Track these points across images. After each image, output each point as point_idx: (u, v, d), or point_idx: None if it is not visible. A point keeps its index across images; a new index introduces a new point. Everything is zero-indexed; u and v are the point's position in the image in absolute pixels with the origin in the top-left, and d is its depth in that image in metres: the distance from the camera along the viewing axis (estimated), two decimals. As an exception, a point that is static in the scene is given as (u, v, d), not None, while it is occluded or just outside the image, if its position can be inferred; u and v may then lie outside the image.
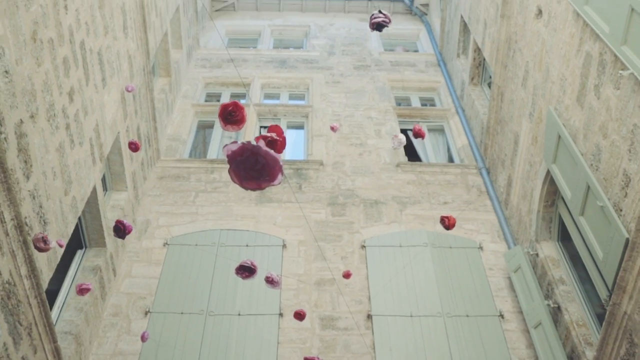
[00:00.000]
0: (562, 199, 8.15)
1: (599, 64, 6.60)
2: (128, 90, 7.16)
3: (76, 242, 8.18)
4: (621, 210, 6.03)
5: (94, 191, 7.89)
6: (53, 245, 4.80)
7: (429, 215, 10.29)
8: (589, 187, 6.68)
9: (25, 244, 5.74)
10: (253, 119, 12.82)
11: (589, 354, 6.98)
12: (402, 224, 10.17)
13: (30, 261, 5.84)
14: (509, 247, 9.48)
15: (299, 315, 6.24)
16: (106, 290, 8.39)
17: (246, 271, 4.62)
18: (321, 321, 8.47)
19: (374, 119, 12.97)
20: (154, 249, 9.48)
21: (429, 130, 13.15)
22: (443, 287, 8.88)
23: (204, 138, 13.68)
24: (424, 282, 8.99)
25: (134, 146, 6.25)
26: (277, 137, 2.69)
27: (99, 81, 7.91)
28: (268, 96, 14.33)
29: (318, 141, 12.21)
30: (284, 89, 14.48)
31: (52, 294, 7.50)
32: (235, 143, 2.11)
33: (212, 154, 12.18)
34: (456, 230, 9.92)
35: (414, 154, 12.58)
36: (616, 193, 6.14)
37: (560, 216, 8.31)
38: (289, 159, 12.01)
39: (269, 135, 2.72)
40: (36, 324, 5.97)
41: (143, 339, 6.50)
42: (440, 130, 13.23)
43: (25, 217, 5.77)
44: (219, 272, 9.05)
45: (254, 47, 16.47)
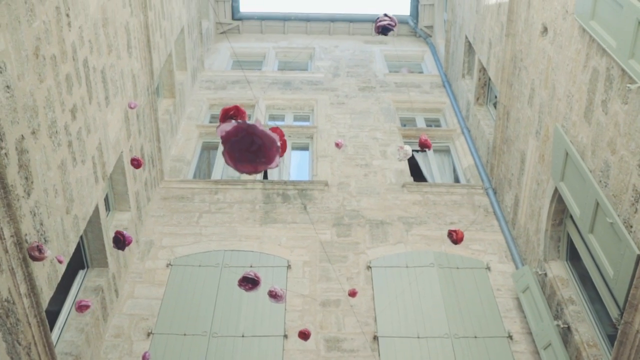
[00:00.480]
0: (571, 217, 8.03)
1: (606, 79, 6.53)
2: (131, 106, 7.11)
3: (78, 262, 8.09)
4: (631, 226, 5.91)
5: (96, 210, 7.81)
6: (48, 254, 4.71)
7: (435, 235, 10.18)
8: (598, 204, 6.57)
9: (25, 262, 5.65)
10: (258, 140, 12.75)
11: (601, 375, 6.82)
12: (408, 245, 10.05)
13: (30, 279, 5.75)
14: (516, 267, 9.34)
15: (304, 335, 6.11)
16: (108, 311, 8.28)
17: (249, 283, 4.50)
18: (326, 343, 8.32)
19: (379, 140, 12.90)
20: (157, 270, 9.37)
21: (435, 151, 13.07)
22: (450, 308, 8.73)
23: (208, 159, 13.63)
24: (430, 302, 8.84)
25: (136, 162, 6.18)
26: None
27: (102, 99, 7.87)
28: (273, 117, 14.30)
29: (323, 162, 12.14)
30: (288, 110, 14.45)
31: (53, 314, 7.39)
32: (230, 122, 2.00)
33: (216, 174, 12.11)
34: (463, 251, 9.81)
35: (419, 174, 12.49)
36: (626, 209, 6.03)
37: (568, 235, 8.18)
38: (293, 179, 11.94)
39: None
40: (35, 343, 5.85)
41: (144, 360, 6.37)
42: (446, 151, 13.15)
43: (26, 234, 5.68)
44: (222, 293, 8.93)
45: (259, 69, 16.49)
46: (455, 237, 5.00)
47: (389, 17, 3.76)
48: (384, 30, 3.74)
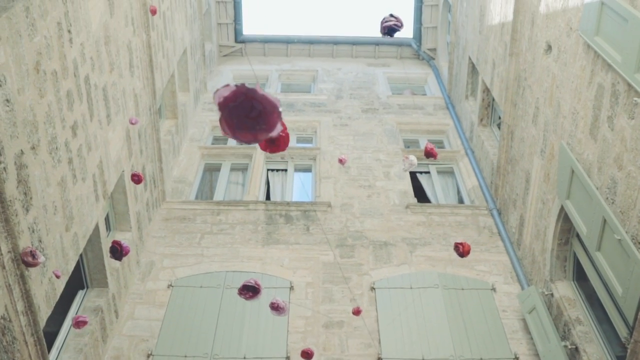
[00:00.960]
0: (577, 236, 7.92)
1: (611, 95, 6.46)
2: (132, 122, 7.06)
3: (77, 282, 7.98)
4: (640, 243, 5.81)
5: (97, 229, 7.72)
6: (42, 260, 4.60)
7: (439, 256, 10.06)
8: (605, 221, 6.46)
9: (23, 278, 5.56)
10: (260, 162, 12.71)
11: (610, 397, 6.66)
12: (412, 266, 9.92)
13: (27, 297, 5.65)
14: (522, 288, 9.20)
15: (307, 354, 5.97)
16: (107, 332, 8.14)
17: (250, 291, 4.38)
18: (329, 364, 8.17)
19: (382, 161, 12.83)
20: (157, 291, 9.25)
21: (438, 172, 13.00)
22: (455, 330, 8.58)
23: (210, 181, 13.56)
24: (435, 324, 8.69)
25: (136, 178, 6.10)
26: (280, 133, 2.52)
27: (104, 117, 7.82)
28: (275, 139, 14.22)
29: (326, 183, 12.06)
30: (291, 132, 14.37)
31: (52, 335, 7.26)
32: (228, 86, 1.87)
33: (218, 196, 12.03)
34: (468, 272, 9.69)
35: (423, 196, 12.39)
36: (634, 225, 5.92)
37: (575, 254, 8.06)
38: (296, 200, 11.85)
39: None
40: (32, 363, 5.73)
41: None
42: (450, 173, 13.07)
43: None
44: (224, 314, 8.80)
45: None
46: (462, 250, 4.89)
47: (395, 17, 3.63)
48: (390, 31, 3.62)
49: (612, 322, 7.01)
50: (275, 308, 4.86)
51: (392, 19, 3.58)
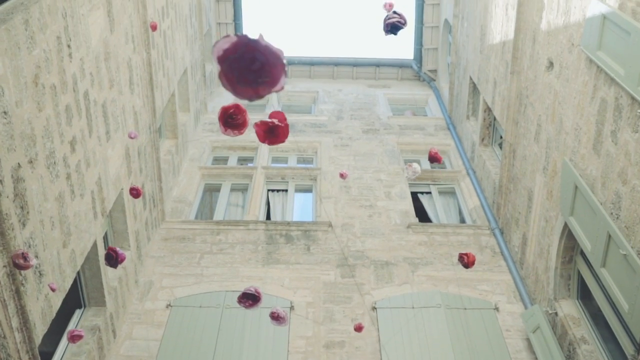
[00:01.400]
0: (581, 254, 7.83)
1: (615, 109, 6.41)
2: (131, 136, 7.00)
3: (75, 301, 7.86)
4: (646, 258, 5.71)
5: (95, 246, 7.62)
6: (34, 262, 4.49)
7: (441, 276, 9.95)
8: (610, 237, 6.37)
9: (18, 294, 5.46)
10: (260, 182, 12.64)
11: (618, 417, 6.52)
12: (414, 285, 9.80)
13: (22, 312, 5.54)
14: (525, 308, 9.08)
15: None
16: (105, 352, 8.01)
17: (249, 299, 4.27)
18: (330, 385, 8.02)
19: (383, 181, 12.76)
20: (156, 311, 9.12)
21: (440, 192, 12.92)
22: (458, 350, 8.44)
23: (210, 201, 13.48)
24: (438, 344, 8.55)
25: (135, 192, 6.03)
26: (279, 122, 2.47)
27: (103, 134, 7.76)
28: (276, 160, 14.18)
29: (327, 203, 11.98)
30: (292, 152, 14.35)
31: (48, 355, 7.13)
32: (228, 37, 1.72)
33: (218, 216, 11.94)
34: (470, 291, 9.57)
35: (424, 216, 12.30)
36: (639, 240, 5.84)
37: (579, 272, 7.96)
38: (297, 220, 11.76)
39: (270, 121, 2.50)
40: (26, 380, 5.61)
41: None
42: (451, 193, 12.98)
43: (19, 266, 5.50)
44: (223, 334, 8.67)
45: (262, 112, 16.45)
46: (467, 261, 4.80)
47: (398, 14, 3.53)
48: (393, 28, 3.52)
49: (617, 341, 6.89)
50: (276, 318, 4.76)
51: (395, 15, 3.49)
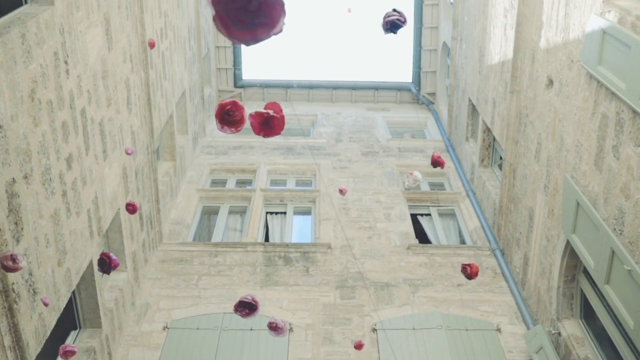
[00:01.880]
0: (583, 272, 7.72)
1: (616, 124, 6.35)
2: (128, 152, 6.93)
3: (70, 323, 7.73)
4: (651, 273, 5.61)
5: (90, 266, 7.51)
6: (23, 265, 4.38)
7: (442, 297, 9.82)
8: (613, 253, 6.28)
9: (11, 312, 5.35)
10: (259, 204, 12.55)
11: None
12: (414, 307, 9.67)
13: (15, 331, 5.43)
14: (528, 329, 8.94)
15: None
16: (100, 374, 7.86)
17: (246, 308, 4.15)
18: (330, 408, 7.86)
19: (382, 203, 12.68)
20: (153, 333, 8.98)
21: (440, 214, 12.83)
22: (460, 371, 8.29)
23: (208, 224, 13.39)
24: (439, 366, 8.41)
25: (131, 208, 5.94)
26: (275, 114, 2.40)
27: (100, 152, 7.70)
28: (274, 182, 14.11)
29: (326, 225, 11.88)
30: (290, 175, 14.28)
31: (42, 377, 6.98)
32: None
33: (216, 238, 11.82)
34: (472, 312, 9.44)
35: (424, 239, 12.19)
36: (644, 255, 5.74)
37: (582, 291, 7.84)
38: (296, 241, 11.66)
39: (265, 112, 2.42)
40: (18, 401, 5.47)
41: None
42: (451, 215, 12.90)
43: (13, 283, 5.40)
44: (221, 356, 8.52)
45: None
46: (470, 272, 4.70)
47: (398, 12, 3.45)
48: (392, 27, 3.44)
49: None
50: (274, 328, 4.65)
51: (395, 13, 3.43)
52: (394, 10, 3.43)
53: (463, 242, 12.02)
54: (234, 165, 14.30)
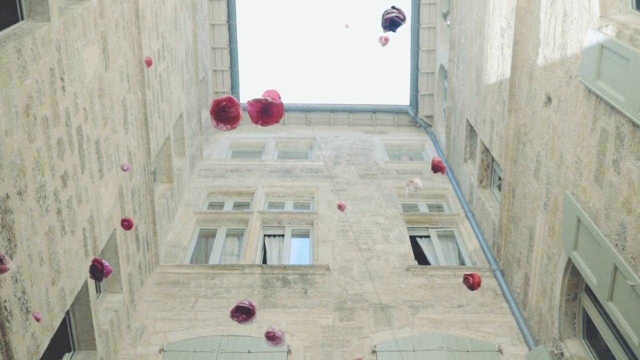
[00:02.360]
0: (585, 291, 7.63)
1: (616, 138, 6.31)
2: (123, 168, 6.87)
3: (64, 345, 7.59)
4: (655, 288, 5.52)
5: (85, 287, 7.39)
6: (10, 266, 4.26)
7: (442, 318, 9.70)
8: (616, 268, 6.19)
9: (3, 329, 5.24)
10: (256, 227, 12.46)
11: None
12: (414, 328, 9.54)
13: (7, 350, 5.31)
14: (530, 349, 8.81)
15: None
16: (95, 397, 7.70)
17: (243, 313, 4.04)
18: None
19: (381, 225, 12.60)
20: (149, 356, 8.83)
21: (439, 236, 12.75)
22: (462, 393, 8.15)
23: (205, 248, 13.26)
24: (440, 387, 8.26)
25: (127, 224, 5.86)
26: (273, 100, 2.33)
27: (96, 171, 7.62)
28: (272, 205, 14.03)
29: (324, 246, 11.79)
30: (288, 197, 14.22)
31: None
32: None
33: (213, 261, 11.71)
34: (473, 333, 9.32)
35: (424, 261, 12.08)
36: (648, 270, 5.65)
37: (584, 310, 7.73)
38: (294, 263, 11.55)
39: (263, 98, 2.36)
40: (10, 422, 5.33)
41: None
42: (451, 236, 12.81)
43: (5, 301, 5.29)
44: (218, 379, 8.37)
45: (259, 159, 16.38)
46: (472, 282, 4.60)
47: (397, 9, 3.39)
48: (392, 24, 3.37)
49: (628, 379, 6.63)
50: (271, 337, 4.54)
51: (394, 10, 3.37)
52: (393, 8, 3.38)
53: (463, 263, 11.93)
54: (232, 188, 14.23)
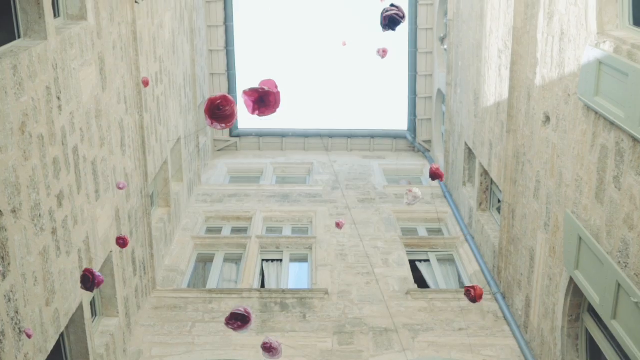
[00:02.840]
0: (588, 311, 7.52)
1: (616, 154, 6.26)
2: (119, 187, 6.80)
3: (59, 369, 7.46)
4: (659, 304, 5.44)
5: (80, 309, 7.28)
6: (1, 269, 4.17)
7: (443, 342, 9.57)
8: (619, 286, 6.10)
9: (-5, 349, 5.13)
10: (255, 251, 12.35)
11: None
12: (415, 352, 9.41)
13: (-1, 370, 5.20)
14: (533, 373, 8.68)
15: None
16: (89, 423, 7.54)
17: (238, 320, 3.94)
18: None
19: (380, 249, 12.51)
20: (145, 381, 8.68)
21: (439, 260, 12.64)
22: (464, 417, 7.99)
23: (203, 273, 13.13)
24: (442, 411, 8.11)
25: (122, 242, 5.77)
26: (270, 89, 2.27)
27: (92, 192, 7.56)
28: (270, 230, 13.94)
29: (323, 271, 11.68)
30: (286, 222, 14.13)
31: None
32: None
33: (211, 285, 11.58)
34: (474, 357, 9.19)
35: (423, 285, 11.97)
36: (651, 286, 5.57)
37: (587, 331, 7.62)
38: (292, 287, 11.42)
39: (260, 87, 2.30)
40: None
41: None
42: (450, 260, 12.70)
43: (-2, 320, 5.19)
44: (215, 404, 8.22)
45: (257, 184, 16.33)
46: (474, 294, 4.51)
47: (396, 7, 3.33)
48: (391, 23, 3.30)
49: (633, 400, 6.50)
50: (268, 349, 4.43)
51: (393, 8, 3.32)
52: (392, 6, 3.33)
53: (463, 286, 11.80)
54: (230, 213, 14.15)
